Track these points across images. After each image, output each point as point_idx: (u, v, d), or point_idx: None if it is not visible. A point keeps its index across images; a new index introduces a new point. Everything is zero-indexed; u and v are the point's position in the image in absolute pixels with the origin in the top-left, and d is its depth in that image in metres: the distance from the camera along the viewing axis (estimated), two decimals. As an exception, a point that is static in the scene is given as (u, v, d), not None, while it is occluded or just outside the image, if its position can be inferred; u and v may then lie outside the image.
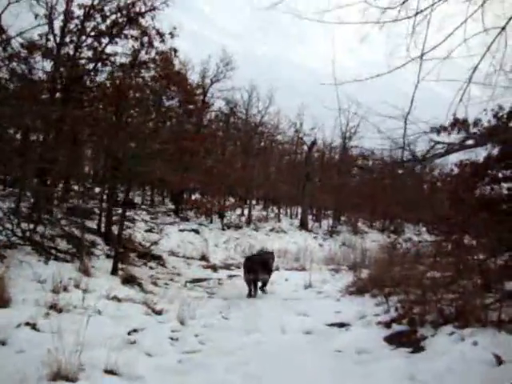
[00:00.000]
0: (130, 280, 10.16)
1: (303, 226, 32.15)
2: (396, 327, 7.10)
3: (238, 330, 7.53)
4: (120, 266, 11.29)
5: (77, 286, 8.41)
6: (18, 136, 14.31)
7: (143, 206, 25.83)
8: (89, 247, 12.21)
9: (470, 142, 5.35)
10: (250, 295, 10.84)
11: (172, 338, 6.71)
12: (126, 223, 13.30)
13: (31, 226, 11.07)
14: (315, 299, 10.47)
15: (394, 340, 6.65)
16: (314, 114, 35.10)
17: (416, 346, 6.22)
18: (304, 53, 73.02)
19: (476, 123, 18.27)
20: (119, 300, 8.36)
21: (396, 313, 7.73)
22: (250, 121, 34.32)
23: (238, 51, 32.36)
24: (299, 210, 36.22)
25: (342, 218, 37.70)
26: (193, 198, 27.46)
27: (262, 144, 36.31)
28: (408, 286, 8.31)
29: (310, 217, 34.94)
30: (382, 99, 5.79)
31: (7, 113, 9.35)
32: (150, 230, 20.20)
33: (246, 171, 26.24)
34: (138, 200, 27.75)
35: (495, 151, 11.42)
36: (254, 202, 33.63)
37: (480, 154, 16.56)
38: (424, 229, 38.97)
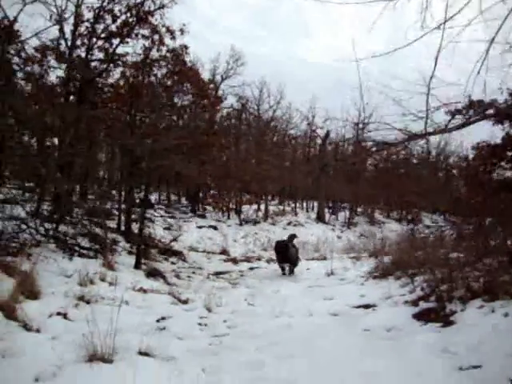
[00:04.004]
0: (153, 273, 10.23)
1: (320, 218, 32.07)
2: (423, 304, 7.05)
3: (265, 315, 7.55)
4: (142, 261, 11.37)
5: (102, 280, 8.51)
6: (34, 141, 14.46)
7: (161, 206, 26.00)
8: (111, 244, 12.31)
9: (490, 111, 5.26)
10: (283, 273, 12.71)
11: (200, 324, 6.77)
12: (145, 223, 13.40)
13: (53, 225, 11.21)
14: (339, 285, 10.43)
15: (423, 317, 6.61)
16: (325, 107, 34.98)
17: (446, 320, 6.18)
18: (309, 47, 72.63)
19: (491, 104, 18.01)
20: (145, 291, 8.44)
21: (422, 292, 7.68)
22: (261, 117, 34.30)
23: (243, 51, 31.99)
24: (315, 204, 36.15)
25: (359, 210, 37.55)
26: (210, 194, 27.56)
27: (275, 139, 36.25)
28: (433, 265, 8.27)
29: (326, 210, 34.82)
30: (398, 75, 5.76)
31: (28, 113, 9.46)
32: (168, 228, 20.32)
33: (261, 166, 26.22)
34: (154, 200, 27.89)
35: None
36: (269, 197, 33.63)
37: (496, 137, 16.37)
38: (441, 217, 38.78)
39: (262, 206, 30.66)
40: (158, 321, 6.66)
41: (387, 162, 40.53)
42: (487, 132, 16.21)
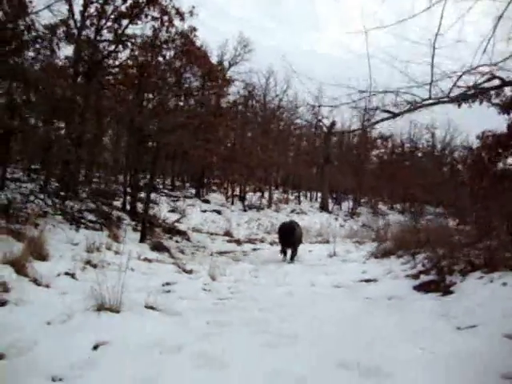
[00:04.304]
0: (158, 247, 10.38)
1: (324, 207, 32.14)
2: (424, 277, 7.18)
3: (268, 284, 7.70)
4: (147, 237, 11.53)
5: (108, 249, 8.69)
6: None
7: (165, 190, 26.15)
8: (116, 221, 12.49)
9: (496, 82, 5.32)
10: (284, 259, 11.63)
11: (205, 289, 6.91)
12: (150, 204, 13.56)
13: (60, 200, 11.39)
14: (341, 264, 10.58)
15: (423, 288, 6.75)
16: (331, 97, 34.76)
17: (445, 290, 6.30)
18: (317, 39, 72.36)
19: (498, 93, 18.02)
20: (150, 261, 8.61)
21: (423, 267, 7.81)
22: (268, 105, 34.30)
23: (251, 40, 31.82)
24: (319, 195, 36.22)
25: (362, 201, 37.61)
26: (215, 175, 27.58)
27: (281, 127, 36.22)
28: (435, 244, 8.39)
29: (329, 200, 34.89)
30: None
31: (42, 80, 9.58)
32: (172, 211, 20.55)
33: (266, 153, 26.26)
34: (159, 185, 28.04)
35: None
36: (273, 186, 33.71)
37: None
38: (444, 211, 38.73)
39: (266, 194, 30.77)
40: (163, 285, 6.80)
41: (392, 154, 40.59)
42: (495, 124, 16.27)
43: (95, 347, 3.78)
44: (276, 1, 70.28)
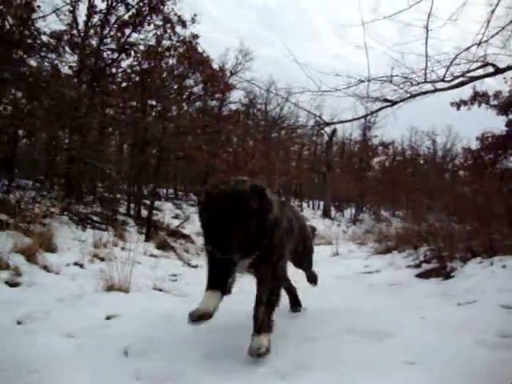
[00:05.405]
0: (163, 245, 10.51)
1: (326, 214, 32.26)
2: (426, 266, 7.30)
3: (272, 276, 7.80)
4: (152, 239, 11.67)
5: (115, 245, 8.84)
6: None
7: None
8: (121, 223, 12.64)
9: (490, 69, 5.48)
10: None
11: (210, 279, 7.02)
12: (153, 211, 13.77)
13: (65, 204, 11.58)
14: (344, 260, 10.71)
15: (425, 275, 6.86)
16: (332, 106, 35.17)
17: (446, 276, 6.42)
18: (316, 51, 72.89)
19: (497, 95, 18.16)
20: (156, 256, 8.75)
21: (425, 258, 7.93)
22: (269, 114, 34.54)
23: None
24: (321, 203, 36.33)
25: (365, 208, 37.72)
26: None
27: (283, 135, 36.43)
28: (436, 237, 8.50)
29: (332, 207, 35.00)
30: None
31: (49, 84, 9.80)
32: (176, 217, 20.66)
33: (268, 160, 26.40)
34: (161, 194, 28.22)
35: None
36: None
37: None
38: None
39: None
40: (170, 275, 6.95)
41: (393, 161, 40.76)
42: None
43: (107, 318, 3.93)
44: (273, 12, 70.83)
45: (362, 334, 3.53)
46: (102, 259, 7.33)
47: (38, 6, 10.68)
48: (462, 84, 5.62)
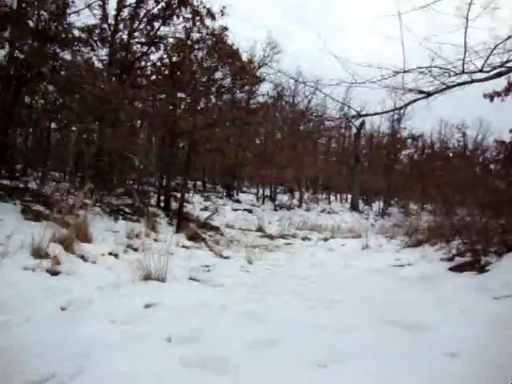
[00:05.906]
0: (194, 237, 10.61)
1: (354, 207, 32.05)
2: (459, 259, 7.19)
3: (303, 267, 7.85)
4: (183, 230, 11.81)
5: (147, 236, 8.98)
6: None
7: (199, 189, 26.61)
8: (152, 215, 12.82)
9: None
10: None
11: (243, 270, 7.11)
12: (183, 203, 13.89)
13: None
14: (374, 253, 10.64)
15: (459, 268, 6.76)
16: (361, 98, 34.88)
17: (481, 269, 6.33)
18: (344, 45, 72.14)
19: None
20: (187, 247, 8.85)
21: (458, 251, 7.82)
22: (297, 107, 34.46)
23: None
24: (349, 196, 36.12)
25: (393, 201, 37.32)
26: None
27: (310, 128, 36.29)
28: (470, 231, 8.37)
29: (360, 200, 34.77)
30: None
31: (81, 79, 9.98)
32: (205, 209, 20.88)
33: (296, 152, 26.36)
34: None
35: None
36: (303, 188, 33.81)
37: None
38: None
39: (296, 194, 30.89)
40: (202, 266, 7.03)
41: (422, 154, 40.16)
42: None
43: (146, 306, 4.02)
44: (300, 5, 70.22)
45: (402, 326, 3.54)
46: (136, 249, 7.48)
47: (73, 1, 10.82)
48: (499, 75, 5.52)
